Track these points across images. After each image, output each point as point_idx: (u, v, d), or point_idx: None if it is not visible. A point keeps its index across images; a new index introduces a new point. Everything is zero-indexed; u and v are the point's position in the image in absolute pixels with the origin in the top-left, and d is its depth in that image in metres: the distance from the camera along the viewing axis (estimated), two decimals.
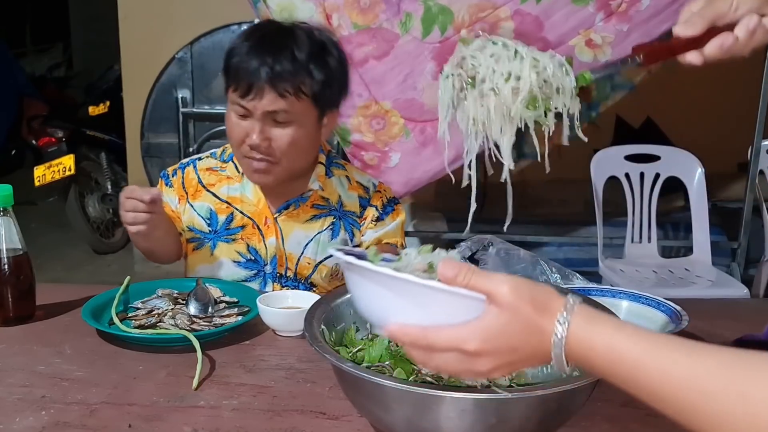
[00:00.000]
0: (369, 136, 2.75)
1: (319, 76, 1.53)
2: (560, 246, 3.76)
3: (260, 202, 1.69)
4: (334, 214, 1.71)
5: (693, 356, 0.66)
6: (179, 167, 1.76)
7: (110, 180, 4.95)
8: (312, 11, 2.62)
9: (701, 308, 1.63)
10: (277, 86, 1.50)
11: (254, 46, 1.53)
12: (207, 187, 1.71)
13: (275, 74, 1.49)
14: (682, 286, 2.87)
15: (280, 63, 1.50)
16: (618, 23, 2.64)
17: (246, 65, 1.51)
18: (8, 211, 1.40)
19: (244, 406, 1.12)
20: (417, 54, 2.67)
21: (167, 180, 1.74)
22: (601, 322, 0.73)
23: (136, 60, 4.33)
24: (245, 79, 1.51)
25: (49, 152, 4.60)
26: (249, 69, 1.50)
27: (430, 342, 0.77)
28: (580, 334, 0.73)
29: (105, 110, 5.13)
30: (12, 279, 1.41)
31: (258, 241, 1.69)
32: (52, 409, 1.10)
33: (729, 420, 0.61)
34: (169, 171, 1.76)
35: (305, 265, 1.70)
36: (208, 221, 1.70)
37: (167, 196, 1.71)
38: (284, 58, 1.50)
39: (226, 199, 1.70)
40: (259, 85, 1.50)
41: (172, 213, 1.71)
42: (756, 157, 3.20)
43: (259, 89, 1.50)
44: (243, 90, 1.51)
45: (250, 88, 1.50)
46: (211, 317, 1.42)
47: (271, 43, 1.53)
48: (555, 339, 0.74)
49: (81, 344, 1.33)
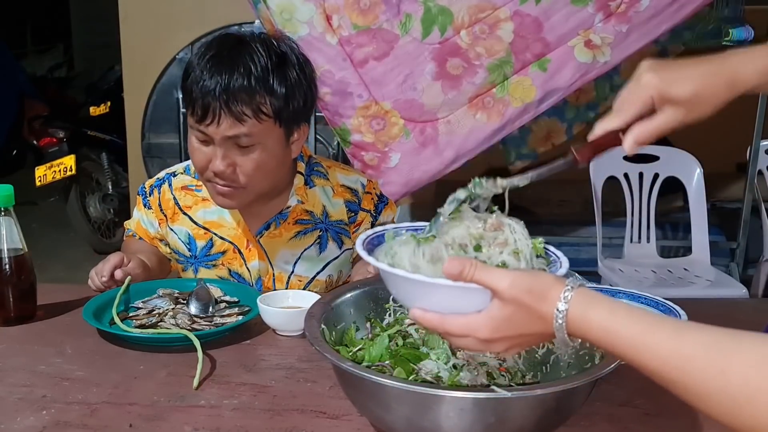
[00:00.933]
0: (369, 137, 2.75)
1: (280, 91, 1.42)
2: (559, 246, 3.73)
3: (239, 224, 1.61)
4: (320, 227, 1.64)
5: (679, 337, 0.71)
6: (155, 184, 1.68)
7: (111, 180, 4.96)
8: (312, 12, 2.62)
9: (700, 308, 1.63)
10: (234, 109, 1.38)
11: (208, 65, 1.40)
12: (183, 209, 1.64)
13: (230, 96, 1.37)
14: (680, 286, 2.87)
15: (235, 82, 1.38)
16: (617, 24, 2.65)
17: (199, 87, 1.39)
18: (9, 211, 1.41)
19: (245, 405, 1.12)
20: (417, 55, 2.68)
21: (144, 199, 1.69)
22: (597, 306, 0.79)
23: (136, 60, 4.33)
24: (200, 103, 1.39)
25: (50, 152, 4.60)
26: (203, 91, 1.38)
27: (447, 329, 0.85)
28: (578, 319, 0.80)
29: (106, 110, 5.13)
30: (13, 279, 1.41)
31: (240, 265, 1.63)
32: (53, 408, 1.10)
33: (711, 395, 0.67)
34: (147, 187, 1.69)
35: (296, 282, 1.65)
36: (187, 246, 1.65)
37: (147, 217, 1.68)
38: (239, 77, 1.38)
39: (203, 225, 1.63)
40: (214, 109, 1.38)
41: (153, 236, 1.69)
42: (755, 158, 3.20)
43: (215, 114, 1.38)
44: (199, 115, 1.40)
45: (206, 113, 1.39)
46: (211, 317, 1.43)
47: (226, 60, 1.40)
48: (556, 324, 0.80)
49: (82, 344, 1.34)
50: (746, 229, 3.27)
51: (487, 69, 2.68)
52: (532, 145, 3.48)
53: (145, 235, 1.70)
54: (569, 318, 0.80)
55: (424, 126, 2.75)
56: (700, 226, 3.09)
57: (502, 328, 0.83)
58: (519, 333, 0.84)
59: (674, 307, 1.33)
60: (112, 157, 4.98)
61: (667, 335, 0.72)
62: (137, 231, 1.72)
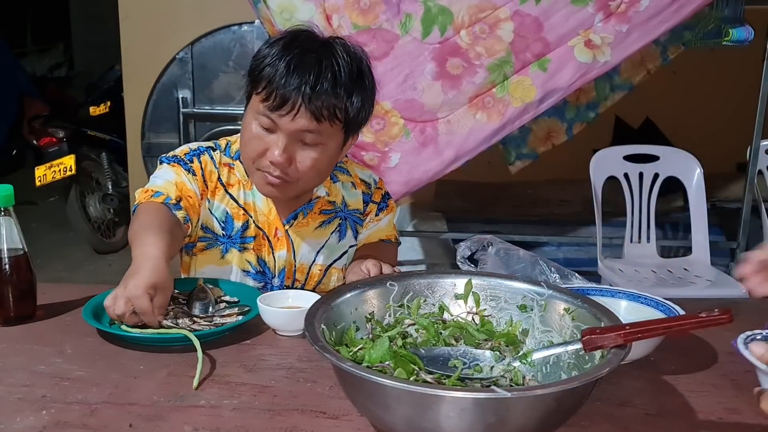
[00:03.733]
0: (369, 137, 2.76)
1: (357, 102, 1.47)
2: (559, 246, 3.77)
3: (271, 212, 1.62)
4: (340, 215, 1.69)
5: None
6: (193, 153, 1.60)
7: (111, 180, 4.96)
8: (312, 12, 2.62)
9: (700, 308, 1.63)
10: (315, 107, 1.41)
11: (294, 60, 1.42)
12: (226, 186, 1.61)
13: (316, 95, 1.40)
14: (681, 286, 2.88)
15: (321, 85, 1.41)
16: (617, 24, 2.65)
17: (284, 80, 1.41)
18: (9, 210, 1.40)
19: (245, 405, 1.12)
20: (417, 54, 2.68)
21: (185, 165, 1.57)
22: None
23: (136, 60, 4.33)
24: (281, 94, 1.41)
25: (50, 152, 4.61)
26: (287, 84, 1.40)
27: None
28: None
29: (106, 110, 5.14)
30: (13, 279, 1.41)
31: (267, 253, 1.63)
32: (52, 408, 1.10)
33: None
34: (180, 155, 1.59)
35: (316, 272, 1.68)
36: (222, 224, 1.61)
37: (191, 184, 1.55)
38: (326, 80, 1.41)
39: (243, 205, 1.61)
40: (296, 103, 1.41)
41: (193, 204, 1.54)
42: (755, 158, 3.20)
43: (295, 107, 1.41)
44: (276, 104, 1.42)
45: (284, 103, 1.41)
46: (211, 317, 1.43)
47: (312, 59, 1.43)
48: None
49: (82, 344, 1.33)
50: (746, 229, 3.27)
51: (487, 69, 2.69)
52: (532, 145, 3.48)
53: (188, 198, 1.54)
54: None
55: (424, 126, 2.76)
56: (700, 226, 3.09)
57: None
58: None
59: (674, 307, 1.33)
60: (112, 157, 4.98)
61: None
62: (181, 193, 1.53)
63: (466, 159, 2.80)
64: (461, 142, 2.74)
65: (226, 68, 4.22)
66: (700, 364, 1.30)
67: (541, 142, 3.47)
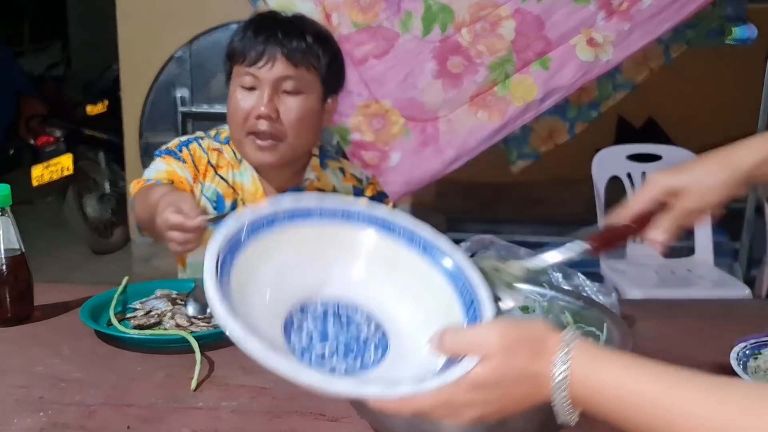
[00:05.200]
0: (369, 136, 2.74)
1: (324, 58, 1.57)
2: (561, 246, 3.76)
3: (258, 192, 1.66)
4: None
5: (716, 394, 0.61)
6: (183, 143, 1.69)
7: (109, 180, 4.95)
8: (311, 10, 2.61)
9: (703, 309, 1.62)
10: (290, 54, 1.52)
11: (262, 25, 1.56)
12: (216, 168, 1.68)
13: (287, 41, 1.53)
14: (683, 287, 2.86)
15: (291, 33, 1.54)
16: (619, 22, 2.64)
17: (258, 38, 1.53)
18: (6, 210, 1.39)
19: (243, 407, 1.11)
20: (417, 53, 2.67)
21: (176, 155, 1.66)
22: (606, 361, 0.68)
23: (134, 59, 4.32)
24: (257, 48, 1.53)
25: (47, 152, 4.59)
26: (261, 40, 1.53)
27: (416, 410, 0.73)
28: (584, 374, 0.68)
29: (103, 109, 5.12)
30: (10, 279, 1.40)
31: None
32: (50, 410, 1.09)
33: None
34: (172, 147, 1.67)
35: None
36: (214, 204, 1.66)
37: (182, 170, 1.64)
38: (295, 29, 1.55)
39: (232, 185, 1.67)
40: (271, 52, 1.52)
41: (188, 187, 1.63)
42: None
43: (272, 56, 1.52)
44: (254, 58, 1.53)
45: (261, 56, 1.52)
46: (209, 318, 1.41)
47: (280, 23, 1.57)
48: (556, 383, 0.69)
49: (79, 345, 1.32)
50: (750, 229, 3.27)
51: (489, 67, 2.67)
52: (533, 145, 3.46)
53: (180, 184, 1.62)
54: (573, 374, 0.68)
55: (424, 125, 2.74)
56: (703, 227, 3.08)
57: (482, 388, 0.70)
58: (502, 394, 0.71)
59: None
60: (109, 156, 4.97)
61: (702, 391, 0.62)
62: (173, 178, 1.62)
63: (467, 158, 2.79)
64: (462, 141, 2.73)
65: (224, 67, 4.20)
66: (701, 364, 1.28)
67: (543, 141, 3.45)
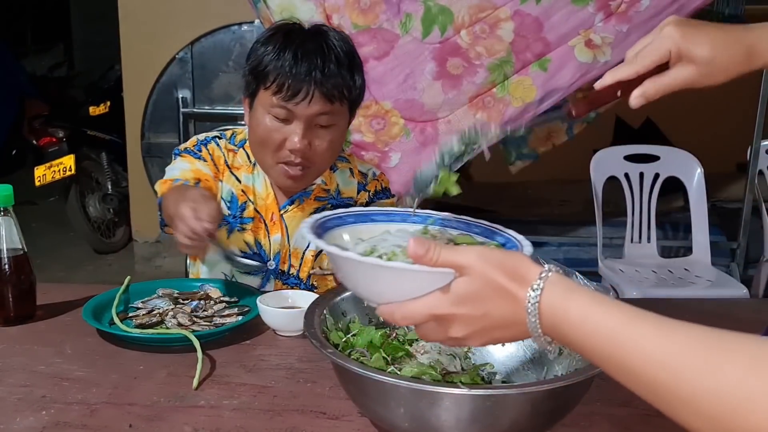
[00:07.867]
0: (369, 136, 2.75)
1: (358, 80, 1.56)
2: (560, 246, 3.77)
3: (269, 197, 1.68)
4: (332, 202, 1.72)
5: (666, 331, 0.63)
6: (202, 142, 1.69)
7: (111, 180, 4.96)
8: (312, 11, 2.62)
9: (700, 308, 1.63)
10: (326, 90, 1.49)
11: (299, 50, 1.49)
12: (231, 168, 1.69)
13: (326, 78, 1.48)
14: (681, 286, 2.87)
15: (329, 68, 1.49)
16: (618, 24, 2.65)
17: (294, 69, 1.48)
18: (9, 210, 1.40)
19: (245, 405, 1.12)
20: (417, 54, 2.68)
21: (195, 155, 1.66)
22: (578, 293, 0.71)
23: (136, 60, 4.34)
24: (294, 83, 1.48)
25: (49, 152, 4.60)
26: (298, 73, 1.48)
27: (405, 315, 0.78)
28: (555, 302, 0.71)
29: (106, 110, 5.13)
30: (12, 279, 1.41)
31: (263, 236, 1.68)
32: (52, 409, 1.10)
33: (701, 397, 0.59)
34: (190, 146, 1.69)
35: (310, 258, 1.70)
36: (228, 204, 1.67)
37: (205, 169, 1.65)
38: (332, 63, 1.50)
39: (243, 188, 1.68)
40: (309, 88, 1.48)
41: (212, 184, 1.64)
42: (755, 158, 3.20)
43: (308, 93, 1.48)
44: (291, 93, 1.48)
45: (298, 91, 1.48)
46: (211, 317, 1.42)
47: (313, 46, 1.51)
48: (528, 305, 0.72)
49: (81, 344, 1.33)
50: (747, 229, 3.27)
51: (488, 68, 2.68)
52: (532, 145, 3.48)
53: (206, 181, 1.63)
54: (543, 300, 0.71)
55: (424, 126, 2.75)
56: (701, 226, 3.09)
57: (463, 303, 0.74)
58: (483, 312, 0.74)
59: None
60: (111, 157, 4.98)
61: (653, 328, 0.64)
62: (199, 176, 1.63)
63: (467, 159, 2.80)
64: None
65: (225, 68, 4.22)
66: None
67: (542, 142, 3.47)
